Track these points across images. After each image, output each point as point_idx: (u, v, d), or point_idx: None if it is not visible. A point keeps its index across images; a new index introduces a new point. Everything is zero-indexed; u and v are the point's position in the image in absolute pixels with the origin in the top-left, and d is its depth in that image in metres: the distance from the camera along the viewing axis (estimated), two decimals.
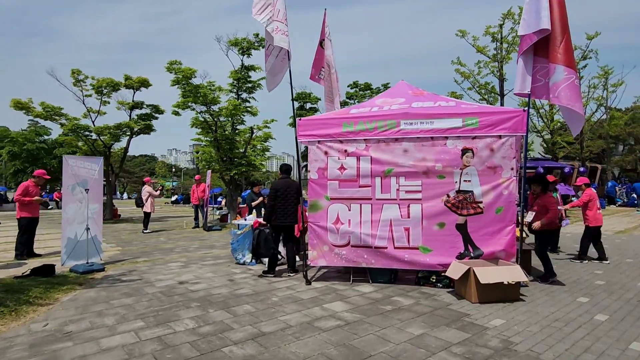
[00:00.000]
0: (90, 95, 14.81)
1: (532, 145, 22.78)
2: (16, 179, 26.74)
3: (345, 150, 5.96)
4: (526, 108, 5.41)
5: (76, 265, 6.87)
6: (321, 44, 8.77)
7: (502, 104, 17.19)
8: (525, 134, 5.43)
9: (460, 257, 5.58)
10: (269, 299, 5.10)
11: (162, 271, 6.84)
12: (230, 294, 5.38)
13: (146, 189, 12.85)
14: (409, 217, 5.72)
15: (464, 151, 5.57)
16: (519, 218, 5.61)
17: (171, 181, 66.54)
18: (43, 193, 24.71)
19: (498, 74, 16.67)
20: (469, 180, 5.56)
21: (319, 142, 6.04)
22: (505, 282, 4.78)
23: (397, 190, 5.78)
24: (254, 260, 7.25)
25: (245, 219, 8.03)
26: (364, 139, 5.88)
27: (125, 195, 52.58)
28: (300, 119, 6.13)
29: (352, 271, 6.11)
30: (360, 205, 5.91)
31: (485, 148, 5.52)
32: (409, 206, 5.74)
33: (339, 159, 5.98)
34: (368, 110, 6.12)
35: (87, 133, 14.45)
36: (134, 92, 16.17)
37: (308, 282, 5.91)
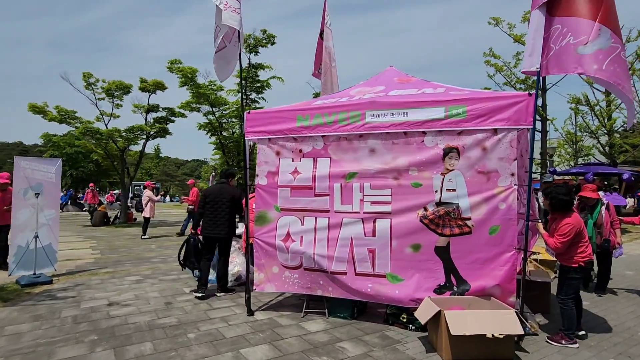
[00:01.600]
0: (103, 99, 14.84)
1: (592, 150, 19.90)
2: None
3: (300, 150, 4.81)
4: (533, 92, 3.94)
5: (22, 276, 6.31)
6: (321, 35, 7.73)
7: (544, 102, 14.92)
8: (532, 127, 3.96)
9: (439, 291, 4.21)
10: (185, 335, 4.07)
11: (108, 287, 6.06)
12: (148, 324, 4.42)
13: (146, 194, 12.44)
14: (374, 235, 4.44)
15: (447, 151, 4.20)
16: (525, 241, 4.12)
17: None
18: (61, 194, 25.77)
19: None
20: (453, 190, 4.18)
21: (269, 139, 4.94)
22: (489, 335, 3.37)
23: (361, 200, 4.52)
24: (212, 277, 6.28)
25: None
26: (322, 136, 4.69)
27: (167, 198, 54.52)
28: (248, 112, 5.08)
29: (308, 299, 4.91)
30: (316, 218, 4.71)
31: (475, 146, 4.11)
32: (375, 221, 4.45)
33: (292, 160, 4.84)
34: (334, 101, 4.92)
35: (98, 136, 14.43)
36: (149, 95, 16.04)
37: (250, 312, 4.81)
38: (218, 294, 5.61)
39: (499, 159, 4.03)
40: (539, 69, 3.91)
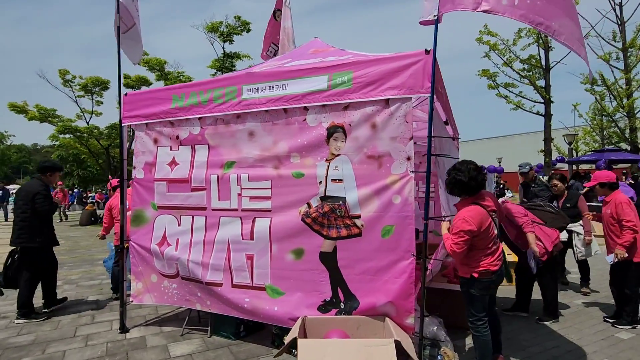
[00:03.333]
0: (82, 96, 14.57)
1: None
2: (65, 182, 28.66)
3: (177, 137, 4.02)
4: (430, 48, 2.96)
5: None
6: (274, 15, 6.92)
7: (547, 83, 13.34)
8: (430, 95, 2.99)
9: (324, 308, 3.33)
10: None
11: (7, 292, 5.51)
12: None
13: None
14: (252, 237, 3.60)
15: (332, 130, 3.31)
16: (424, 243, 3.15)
17: None
18: (69, 192, 25.99)
19: (541, 41, 12.90)
20: (339, 180, 3.28)
21: (146, 125, 4.18)
22: None
23: (239, 195, 3.69)
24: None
25: None
26: (198, 118, 3.88)
27: None
28: (126, 94, 4.33)
29: (190, 314, 4.14)
30: (192, 217, 3.93)
31: (364, 123, 3.20)
32: (254, 221, 3.62)
33: (170, 149, 4.06)
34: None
35: (78, 134, 14.19)
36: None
37: (122, 329, 4.09)
38: (16, 321, 4.39)
39: (392, 139, 3.10)
40: (436, 17, 2.93)
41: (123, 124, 4.27)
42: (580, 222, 4.92)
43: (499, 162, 26.86)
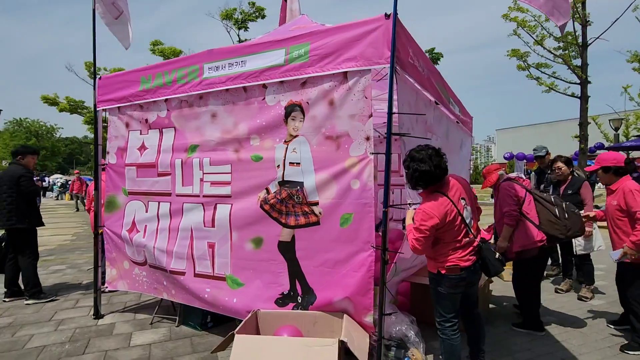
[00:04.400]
0: None
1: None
2: None
3: (146, 120, 3.88)
4: (390, 12, 2.58)
5: None
6: None
7: (584, 61, 12.08)
8: (390, 66, 2.62)
9: (281, 301, 3.09)
10: None
11: None
12: None
13: None
14: (213, 225, 3.41)
15: (289, 109, 3.03)
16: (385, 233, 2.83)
17: None
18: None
19: (578, 15, 11.64)
20: (297, 163, 3.01)
21: (119, 109, 4.08)
22: None
23: (201, 180, 3.51)
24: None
25: None
26: (164, 100, 3.72)
27: None
28: (100, 77, 4.25)
29: (160, 302, 4.05)
30: (159, 203, 3.80)
31: (321, 100, 2.89)
32: (215, 207, 3.43)
33: (140, 133, 3.94)
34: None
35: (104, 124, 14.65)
36: None
37: (97, 315, 4.07)
38: (5, 300, 4.60)
39: (350, 117, 2.77)
40: None
41: (97, 109, 4.20)
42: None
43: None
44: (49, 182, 20.12)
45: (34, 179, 4.92)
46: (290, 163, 3.02)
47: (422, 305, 3.76)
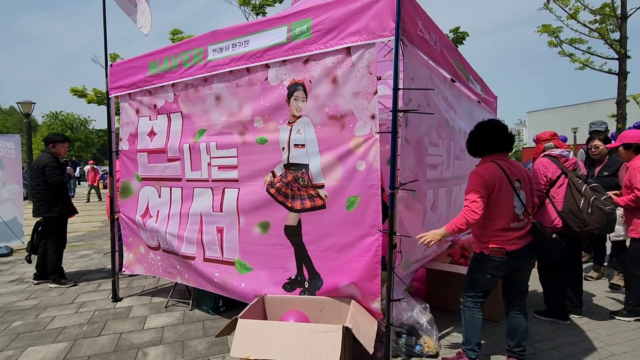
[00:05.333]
0: None
1: None
2: None
3: (155, 106, 3.88)
4: None
5: None
6: None
7: (623, 34, 11.13)
8: (395, 38, 2.44)
9: (289, 286, 3.05)
10: (14, 322, 3.60)
11: None
12: (7, 305, 4.08)
13: None
14: (222, 210, 3.39)
15: (292, 89, 2.92)
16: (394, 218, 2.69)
17: None
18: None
19: None
20: (302, 145, 2.91)
21: (129, 95, 4.10)
22: None
23: (209, 165, 3.48)
24: None
25: None
26: (172, 85, 3.70)
27: None
28: (112, 64, 4.27)
29: (175, 286, 4.11)
30: (170, 189, 3.81)
31: (325, 78, 2.76)
32: (223, 192, 3.40)
33: (150, 119, 3.95)
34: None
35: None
36: None
37: (115, 298, 4.19)
38: (51, 285, 4.75)
39: (354, 95, 2.64)
40: None
41: (110, 95, 4.24)
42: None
43: (574, 133, 23.89)
44: (81, 171, 21.01)
45: (67, 167, 5.05)
46: (295, 145, 2.93)
47: (437, 292, 3.64)
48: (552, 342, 3.05)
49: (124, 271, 4.27)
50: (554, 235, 2.54)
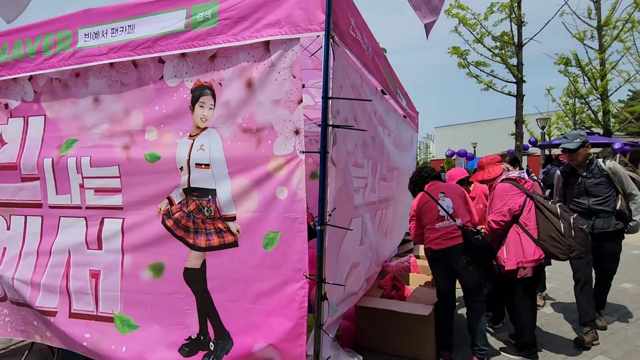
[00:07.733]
0: None
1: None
2: None
3: (7, 106, 2.88)
4: None
5: None
6: None
7: (519, 60, 12.50)
8: (324, 34, 1.96)
9: (188, 349, 2.33)
10: None
11: None
12: None
13: None
14: (100, 247, 2.55)
15: (197, 93, 2.26)
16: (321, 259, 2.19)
17: None
18: None
19: (514, 16, 12.00)
20: (207, 165, 2.25)
21: None
22: None
23: (81, 187, 2.61)
24: None
25: None
26: (28, 78, 2.75)
27: None
28: None
29: (31, 347, 3.09)
30: (25, 218, 2.83)
31: (236, 80, 2.16)
32: (102, 222, 2.56)
33: None
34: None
35: None
36: None
37: None
38: None
39: (274, 103, 2.07)
40: None
41: None
42: None
43: (474, 148, 26.34)
44: None
45: None
46: (197, 164, 2.25)
47: (369, 331, 3.20)
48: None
49: None
50: (476, 236, 2.91)
